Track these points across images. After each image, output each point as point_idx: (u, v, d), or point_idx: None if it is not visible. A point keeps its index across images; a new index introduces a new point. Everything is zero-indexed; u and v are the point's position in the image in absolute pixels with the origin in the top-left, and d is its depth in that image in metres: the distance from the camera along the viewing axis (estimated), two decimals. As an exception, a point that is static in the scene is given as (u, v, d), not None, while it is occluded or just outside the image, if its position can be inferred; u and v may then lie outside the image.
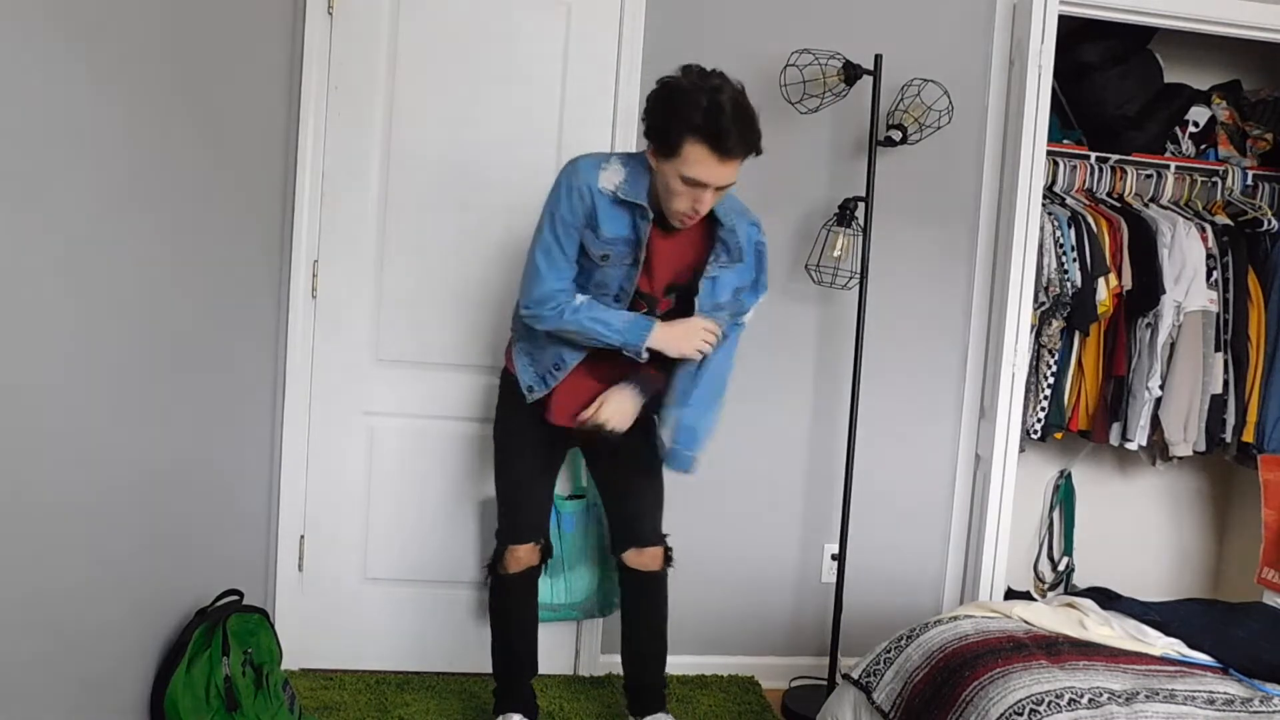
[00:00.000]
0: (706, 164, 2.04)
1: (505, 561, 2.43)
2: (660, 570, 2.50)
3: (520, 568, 2.43)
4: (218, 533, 2.45)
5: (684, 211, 2.14)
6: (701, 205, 2.12)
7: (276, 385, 2.80)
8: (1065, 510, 3.52)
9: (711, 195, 2.12)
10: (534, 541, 2.44)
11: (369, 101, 2.79)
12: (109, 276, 1.81)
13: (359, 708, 2.67)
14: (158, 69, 1.94)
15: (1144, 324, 3.10)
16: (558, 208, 2.19)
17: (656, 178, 2.15)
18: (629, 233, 2.20)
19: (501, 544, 2.44)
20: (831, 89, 2.79)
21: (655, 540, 2.48)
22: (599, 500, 2.75)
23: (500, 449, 2.44)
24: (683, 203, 2.12)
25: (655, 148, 2.11)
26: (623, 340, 2.21)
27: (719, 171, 2.06)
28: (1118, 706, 1.83)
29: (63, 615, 1.74)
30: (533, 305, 2.24)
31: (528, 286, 2.25)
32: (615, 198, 2.17)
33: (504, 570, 2.44)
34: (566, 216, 2.19)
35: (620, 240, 2.20)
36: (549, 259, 2.21)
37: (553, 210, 2.21)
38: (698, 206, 2.12)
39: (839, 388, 3.01)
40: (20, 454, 1.57)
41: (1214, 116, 3.34)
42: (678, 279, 2.31)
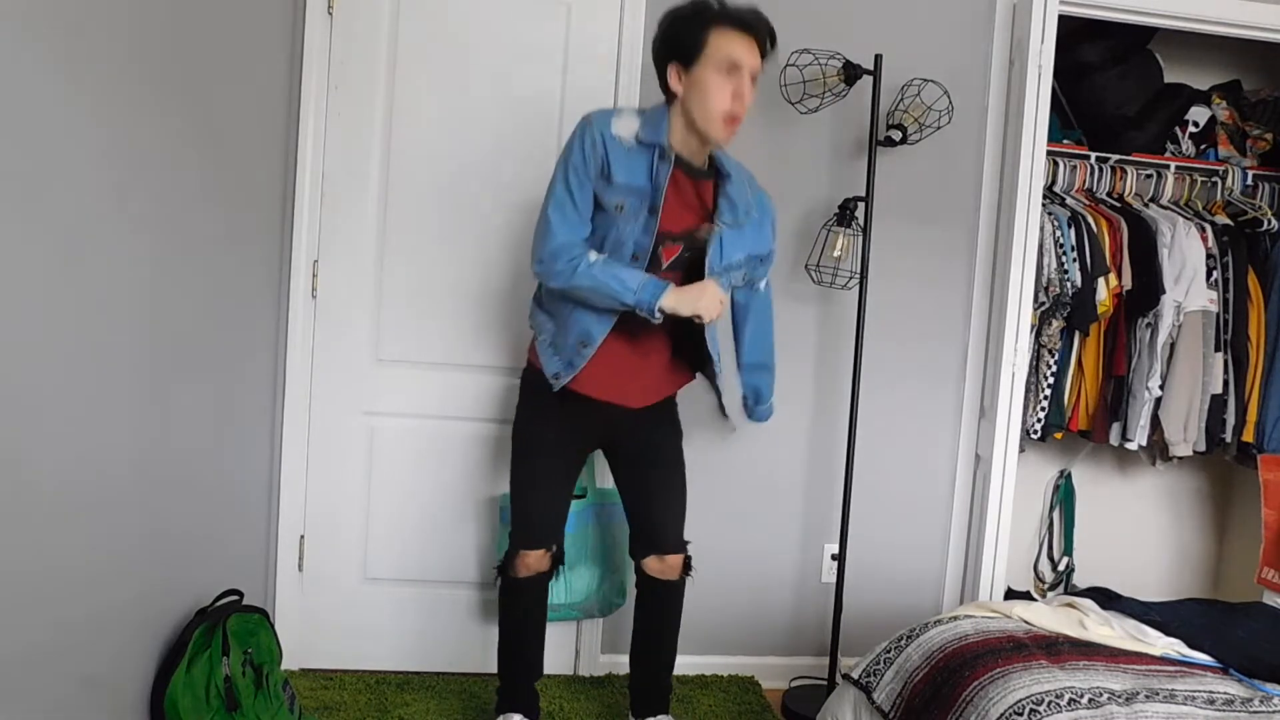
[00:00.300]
0: (737, 42, 2.09)
1: (515, 565, 2.39)
2: (679, 580, 2.48)
3: (530, 572, 2.39)
4: (218, 533, 2.44)
5: (729, 110, 2.12)
6: (744, 95, 2.12)
7: (276, 385, 2.81)
8: (1065, 510, 3.52)
9: (749, 85, 2.13)
10: (546, 548, 2.41)
11: (369, 101, 2.79)
12: (109, 276, 1.81)
13: (359, 708, 2.67)
14: (158, 69, 1.94)
15: (1144, 324, 3.10)
16: (570, 159, 2.16)
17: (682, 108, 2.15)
18: (645, 180, 2.16)
19: (513, 548, 2.40)
20: (831, 89, 2.79)
21: (678, 548, 2.46)
22: (600, 500, 2.76)
23: (518, 451, 2.39)
24: (725, 98, 2.10)
25: (679, 64, 2.13)
26: (636, 299, 2.14)
27: (749, 49, 2.10)
28: (1118, 706, 1.83)
29: (63, 615, 1.74)
30: (546, 259, 2.16)
31: (540, 242, 2.18)
32: (632, 144, 2.15)
33: (514, 574, 2.40)
34: (579, 167, 2.15)
35: (635, 190, 2.15)
36: (562, 212, 2.16)
37: (565, 163, 2.17)
38: (740, 96, 2.12)
39: (839, 388, 3.02)
40: (20, 454, 1.57)
41: (1214, 116, 3.34)
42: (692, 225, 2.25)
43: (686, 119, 2.17)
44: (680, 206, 2.22)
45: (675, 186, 2.19)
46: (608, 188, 2.15)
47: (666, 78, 2.18)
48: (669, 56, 2.16)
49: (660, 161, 2.16)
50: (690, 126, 2.17)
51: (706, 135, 2.16)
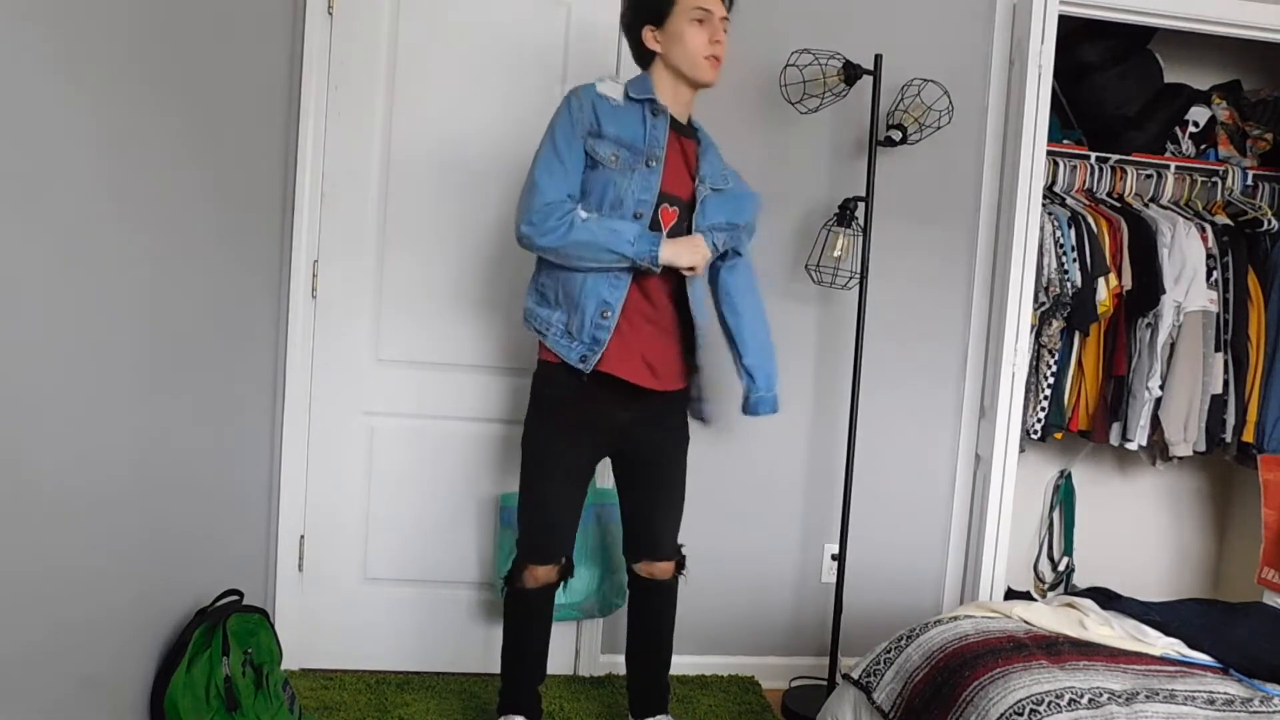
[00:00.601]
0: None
1: (524, 578, 2.35)
2: (671, 579, 2.48)
3: (539, 584, 2.36)
4: (218, 533, 2.44)
5: (709, 52, 2.20)
6: (720, 38, 2.21)
7: (276, 385, 2.81)
8: (1065, 510, 3.52)
9: (722, 27, 2.22)
10: (556, 562, 2.37)
11: (369, 101, 2.79)
12: (109, 276, 1.81)
13: (359, 708, 2.67)
14: (157, 69, 1.94)
15: (1144, 324, 3.10)
16: (557, 123, 2.18)
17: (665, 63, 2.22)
18: (638, 135, 2.18)
19: (522, 561, 2.35)
20: (831, 89, 2.79)
21: (672, 554, 2.46)
22: (600, 500, 2.75)
23: (531, 466, 2.32)
24: (703, 42, 2.19)
25: (652, 25, 2.21)
26: (635, 250, 2.12)
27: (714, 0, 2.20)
28: (1118, 706, 1.83)
29: (63, 615, 1.74)
30: (536, 219, 2.12)
31: (526, 201, 2.15)
32: (621, 101, 2.20)
33: (522, 585, 2.36)
34: (566, 127, 2.16)
35: (627, 143, 2.17)
36: (549, 171, 2.15)
37: (551, 128, 2.18)
38: (716, 40, 2.20)
39: (839, 388, 3.02)
40: (20, 454, 1.57)
41: (1214, 116, 3.34)
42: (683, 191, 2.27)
43: (673, 71, 2.23)
44: (677, 165, 2.25)
45: (674, 144, 2.23)
46: (600, 141, 2.16)
47: (642, 42, 2.24)
48: (642, 21, 2.23)
49: (654, 116, 2.21)
50: (678, 77, 2.24)
51: (695, 78, 2.22)
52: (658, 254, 2.14)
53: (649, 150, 2.19)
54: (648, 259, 2.14)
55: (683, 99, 2.27)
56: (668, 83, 2.25)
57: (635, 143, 2.18)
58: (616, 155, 2.17)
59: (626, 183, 2.16)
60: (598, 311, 2.18)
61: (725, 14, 2.24)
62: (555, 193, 2.14)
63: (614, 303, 2.18)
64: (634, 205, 2.17)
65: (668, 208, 2.23)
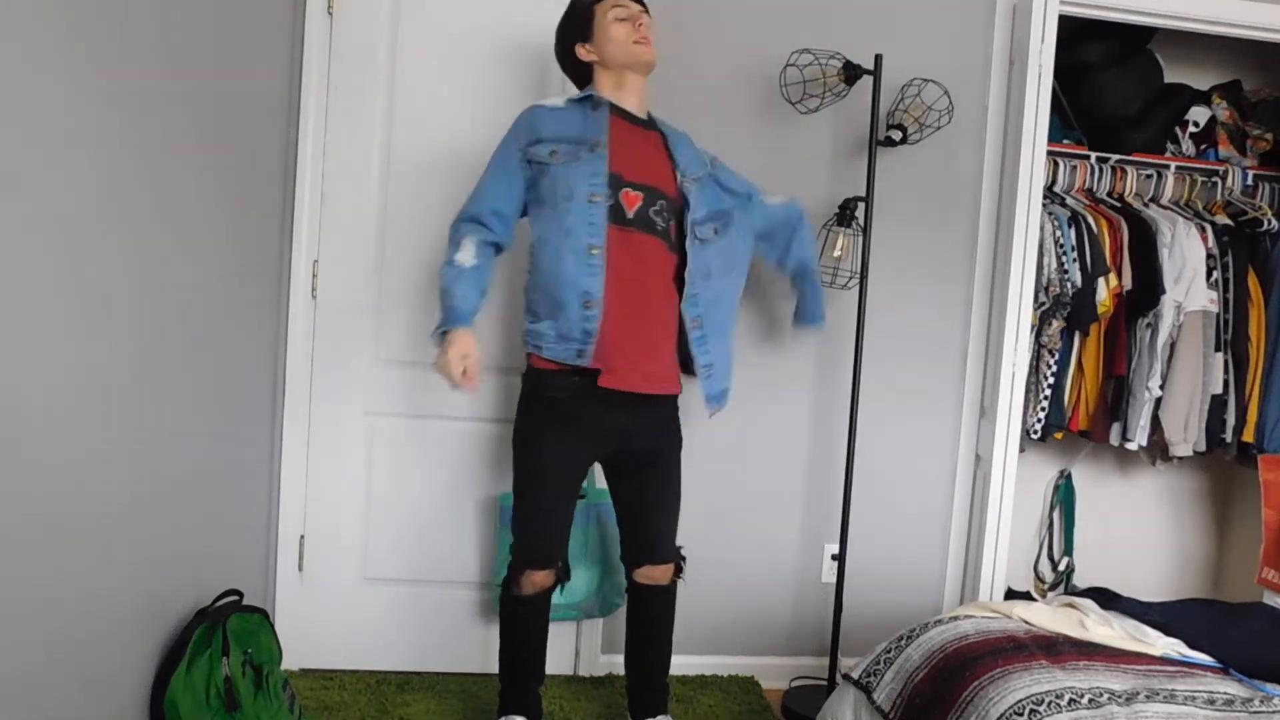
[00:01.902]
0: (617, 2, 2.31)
1: (520, 583, 2.35)
2: (670, 584, 2.47)
3: (535, 589, 2.36)
4: (218, 533, 2.44)
5: (634, 38, 2.29)
6: (643, 27, 2.30)
7: (276, 385, 2.81)
8: (1065, 510, 3.52)
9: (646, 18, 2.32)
10: (552, 567, 2.37)
11: (369, 101, 2.79)
12: (108, 276, 1.81)
13: (359, 708, 2.67)
14: (157, 69, 1.94)
15: (1144, 324, 3.10)
16: (499, 145, 2.32)
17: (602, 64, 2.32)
18: (579, 129, 2.26)
19: (519, 566, 2.34)
20: (831, 89, 2.79)
21: (670, 558, 2.45)
22: (600, 501, 2.75)
23: (522, 470, 2.32)
24: (628, 32, 2.29)
25: (581, 41, 2.33)
26: (446, 313, 2.23)
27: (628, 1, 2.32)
28: (1118, 706, 1.83)
29: (62, 615, 1.74)
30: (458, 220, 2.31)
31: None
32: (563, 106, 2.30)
33: (518, 590, 2.36)
34: (503, 149, 2.30)
35: (568, 137, 2.25)
36: (474, 192, 2.32)
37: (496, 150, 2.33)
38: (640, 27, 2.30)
39: (839, 387, 3.02)
40: (20, 454, 1.57)
41: (1214, 116, 3.34)
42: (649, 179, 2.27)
43: (612, 69, 2.32)
44: (634, 152, 2.27)
45: (622, 131, 2.28)
46: (539, 145, 2.26)
47: (578, 60, 2.35)
48: (572, 41, 2.35)
49: (594, 110, 2.29)
50: (619, 71, 2.32)
51: (632, 59, 2.30)
52: (436, 331, 2.24)
53: (590, 139, 2.25)
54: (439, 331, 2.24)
55: (630, 89, 2.33)
56: (610, 81, 2.33)
57: (576, 135, 2.26)
58: (555, 150, 2.24)
59: (570, 173, 2.22)
60: (580, 303, 2.21)
61: (642, 9, 2.34)
62: (470, 206, 2.30)
63: (594, 290, 2.20)
64: (587, 192, 2.21)
65: (629, 192, 2.24)
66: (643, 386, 2.28)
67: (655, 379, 2.31)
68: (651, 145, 2.34)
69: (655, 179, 2.30)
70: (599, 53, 2.31)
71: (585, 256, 2.20)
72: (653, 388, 2.31)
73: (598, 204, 2.20)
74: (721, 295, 2.39)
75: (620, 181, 2.24)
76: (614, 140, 2.25)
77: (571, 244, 2.20)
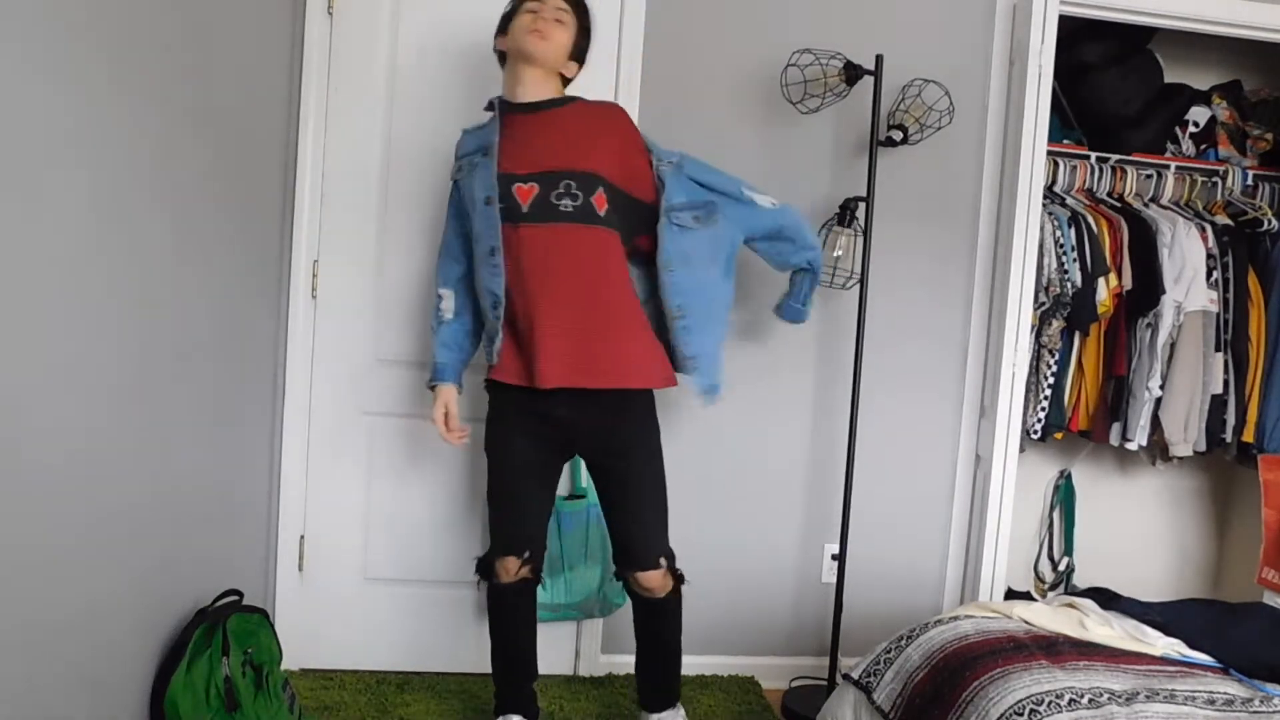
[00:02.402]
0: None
1: (497, 571, 2.37)
2: (669, 596, 2.40)
3: (512, 578, 2.37)
4: (218, 533, 2.44)
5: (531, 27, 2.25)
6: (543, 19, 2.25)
7: (276, 385, 2.80)
8: (1065, 510, 3.52)
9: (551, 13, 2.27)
10: (520, 554, 2.35)
11: (369, 101, 2.79)
12: (109, 277, 1.81)
13: (359, 708, 2.67)
14: (157, 69, 1.94)
15: (1144, 324, 3.10)
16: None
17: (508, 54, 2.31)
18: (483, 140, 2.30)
19: (491, 555, 2.39)
20: (832, 89, 2.79)
21: (655, 564, 2.34)
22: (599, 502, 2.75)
23: (490, 461, 2.39)
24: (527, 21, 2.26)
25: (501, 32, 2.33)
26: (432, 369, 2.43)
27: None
28: (1118, 707, 1.83)
29: (63, 615, 1.74)
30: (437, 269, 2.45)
31: None
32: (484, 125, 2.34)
33: (497, 579, 2.38)
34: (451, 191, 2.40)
35: (474, 150, 2.31)
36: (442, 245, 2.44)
37: None
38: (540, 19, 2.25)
39: (839, 387, 3.02)
40: (20, 455, 1.57)
41: (1214, 116, 3.34)
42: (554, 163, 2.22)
43: (511, 57, 2.31)
44: (525, 144, 2.25)
45: (513, 126, 2.27)
46: (456, 165, 2.36)
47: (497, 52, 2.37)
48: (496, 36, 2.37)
49: (494, 116, 2.31)
50: (514, 60, 2.30)
51: (520, 50, 2.26)
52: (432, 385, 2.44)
53: (486, 144, 2.29)
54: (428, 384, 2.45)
55: (527, 80, 2.28)
56: (510, 73, 2.33)
57: (477, 146, 2.32)
58: (461, 165, 2.34)
59: (472, 182, 2.28)
60: (491, 306, 2.29)
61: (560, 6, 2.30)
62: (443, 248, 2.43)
63: (498, 291, 2.25)
64: (483, 196, 2.25)
65: (521, 186, 2.22)
66: (572, 381, 2.21)
67: (593, 372, 2.22)
68: (553, 127, 2.27)
69: (554, 161, 2.22)
70: (508, 44, 2.31)
71: (489, 259, 2.25)
72: (591, 381, 2.22)
73: (492, 205, 2.24)
74: (706, 285, 2.34)
75: (512, 179, 2.23)
76: (504, 139, 2.26)
77: (480, 250, 2.28)
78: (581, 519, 2.78)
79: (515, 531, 2.37)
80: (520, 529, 2.37)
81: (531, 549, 2.38)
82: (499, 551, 2.37)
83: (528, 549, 2.37)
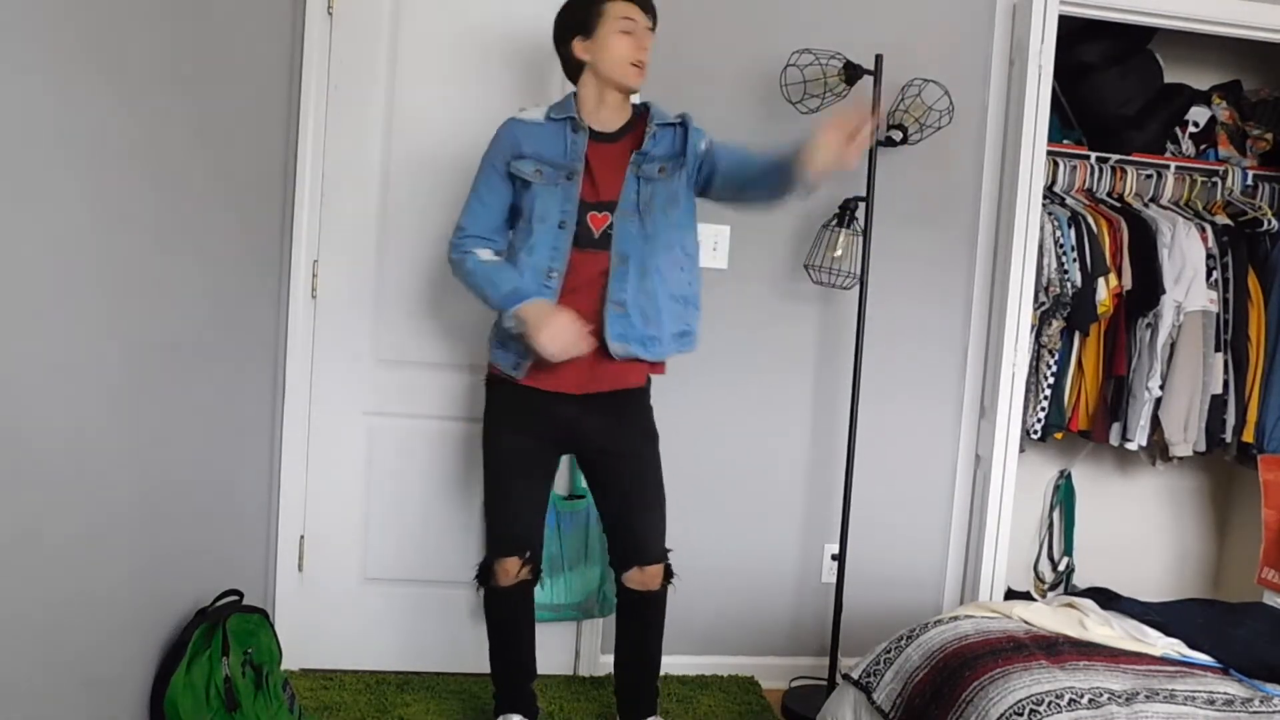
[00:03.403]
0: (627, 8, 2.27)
1: (495, 573, 2.37)
2: (661, 590, 2.42)
3: (510, 580, 2.36)
4: (218, 533, 2.44)
5: (633, 58, 2.27)
6: (645, 46, 2.29)
7: (276, 385, 2.80)
8: (1065, 510, 3.52)
9: (646, 39, 2.29)
10: (518, 555, 2.35)
11: (369, 101, 2.79)
12: (109, 277, 1.81)
13: (359, 708, 2.67)
14: (157, 69, 1.94)
15: (1144, 324, 3.10)
16: (484, 157, 2.33)
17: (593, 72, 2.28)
18: (559, 152, 2.27)
19: (490, 556, 2.38)
20: (832, 89, 2.79)
21: (658, 557, 2.38)
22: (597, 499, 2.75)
23: (485, 459, 2.40)
24: (629, 50, 2.26)
25: (580, 36, 2.28)
26: (499, 302, 2.24)
27: (638, 13, 2.28)
28: (1118, 707, 1.83)
29: (62, 615, 1.74)
30: (451, 241, 2.35)
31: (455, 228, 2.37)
32: (542, 121, 2.30)
33: (495, 582, 2.37)
34: (490, 159, 2.32)
35: (548, 159, 2.27)
36: (469, 207, 2.35)
37: (481, 161, 2.34)
38: (642, 48, 2.28)
39: (839, 387, 3.01)
40: (20, 455, 1.57)
41: (1214, 116, 3.34)
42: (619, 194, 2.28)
43: (600, 79, 2.29)
44: (604, 173, 2.28)
45: (597, 155, 2.28)
46: (522, 161, 2.28)
47: (571, 53, 2.31)
48: (571, 34, 2.30)
49: (574, 133, 2.28)
50: (604, 84, 2.29)
51: (620, 83, 2.29)
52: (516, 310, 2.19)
53: (569, 165, 2.26)
54: (509, 315, 2.21)
55: (611, 106, 2.31)
56: (593, 92, 2.31)
57: (556, 158, 2.27)
58: (539, 170, 2.27)
59: (548, 196, 2.25)
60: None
61: (650, 25, 2.30)
62: (468, 223, 2.33)
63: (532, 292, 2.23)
64: (559, 216, 2.25)
65: (596, 214, 2.27)
66: (587, 387, 2.29)
67: (602, 378, 2.29)
68: (622, 157, 2.31)
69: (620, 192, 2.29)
70: (593, 57, 2.28)
71: (542, 278, 2.24)
72: (599, 386, 2.30)
73: (565, 229, 2.24)
74: (658, 234, 2.28)
75: (587, 205, 2.26)
76: (594, 164, 2.27)
77: (532, 263, 2.25)
78: (581, 519, 2.78)
79: (515, 532, 2.36)
80: (520, 529, 2.36)
81: (531, 549, 2.38)
82: (500, 552, 2.36)
83: (528, 549, 2.37)
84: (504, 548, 2.36)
